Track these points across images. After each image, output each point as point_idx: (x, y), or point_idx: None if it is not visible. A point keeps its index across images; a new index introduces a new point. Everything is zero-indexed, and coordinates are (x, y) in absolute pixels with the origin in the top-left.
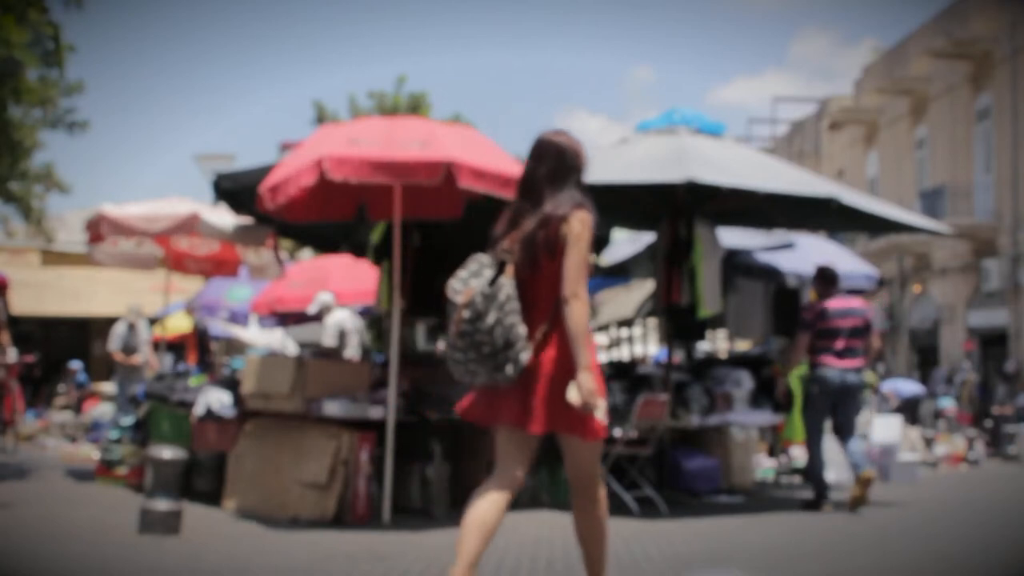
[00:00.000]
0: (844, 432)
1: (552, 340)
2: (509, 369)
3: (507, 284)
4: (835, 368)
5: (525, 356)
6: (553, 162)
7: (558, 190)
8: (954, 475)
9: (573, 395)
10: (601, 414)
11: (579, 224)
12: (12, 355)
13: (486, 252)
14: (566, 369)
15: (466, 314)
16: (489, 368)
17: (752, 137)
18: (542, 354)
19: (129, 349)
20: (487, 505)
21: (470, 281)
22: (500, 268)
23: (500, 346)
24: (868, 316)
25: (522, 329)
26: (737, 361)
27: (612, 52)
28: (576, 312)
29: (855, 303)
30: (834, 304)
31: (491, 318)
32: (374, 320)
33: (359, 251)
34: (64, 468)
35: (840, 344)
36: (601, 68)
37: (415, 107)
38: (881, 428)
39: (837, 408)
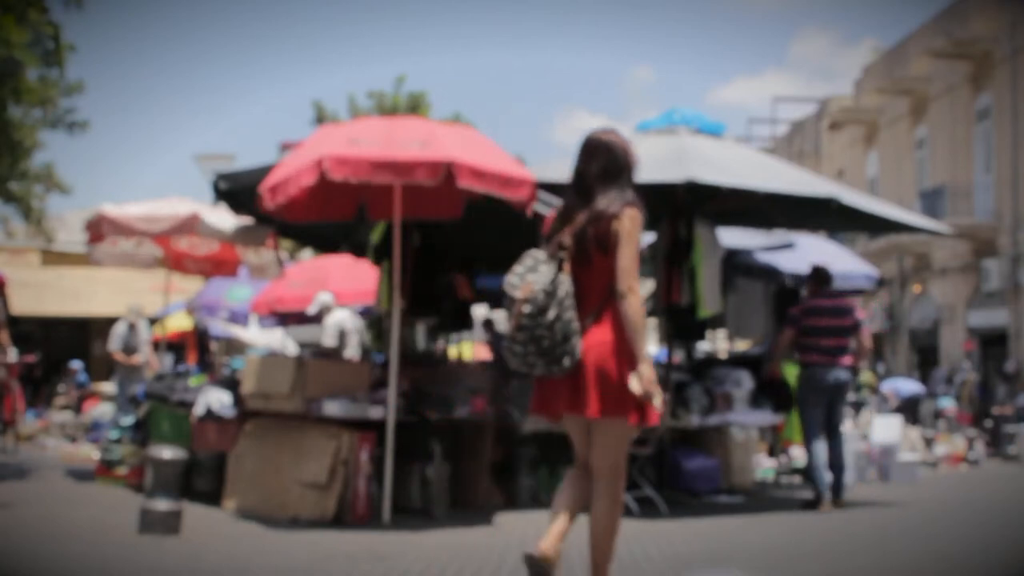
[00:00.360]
0: (832, 430)
1: (598, 329)
2: (566, 361)
3: (566, 280)
4: (823, 366)
5: (580, 348)
6: (604, 160)
7: (609, 187)
8: (954, 475)
9: (635, 384)
10: (658, 402)
11: (630, 221)
12: (13, 355)
13: (539, 248)
14: (613, 357)
15: (527, 309)
16: (547, 360)
17: (752, 137)
18: (591, 342)
19: (129, 349)
20: (570, 488)
21: (527, 276)
22: (554, 263)
23: (559, 340)
24: (857, 316)
25: (577, 323)
26: (737, 361)
27: (612, 52)
28: (632, 306)
29: (844, 302)
30: (822, 303)
31: (552, 313)
32: (374, 320)
33: (359, 251)
34: (64, 468)
35: (828, 342)
36: (601, 68)
37: (414, 107)
38: (881, 428)
39: (825, 406)
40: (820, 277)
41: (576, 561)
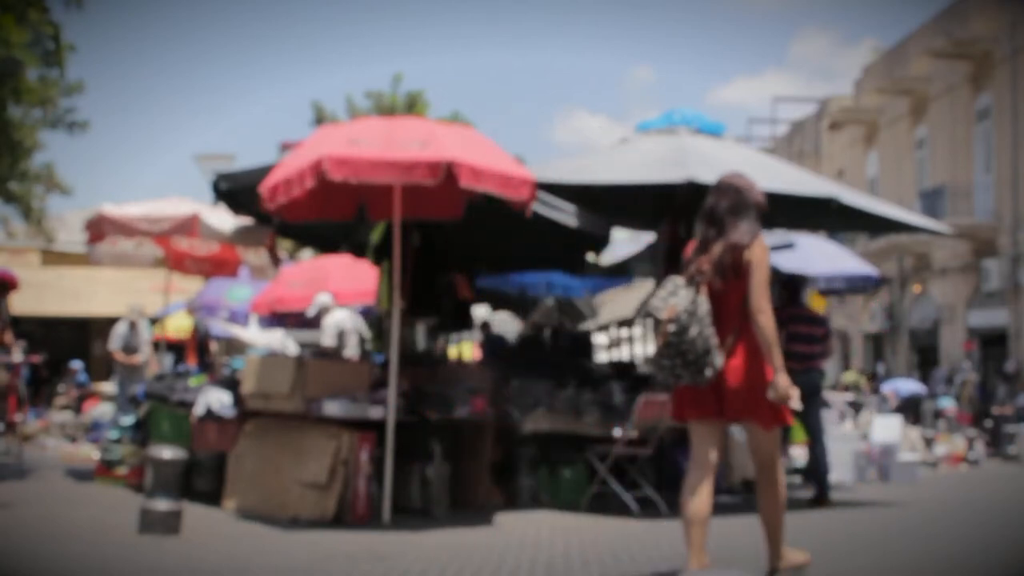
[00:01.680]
0: (813, 433)
1: (739, 345)
2: (708, 372)
3: (704, 302)
4: (800, 372)
5: (719, 360)
6: (733, 198)
7: (739, 221)
8: (954, 475)
9: (771, 392)
10: (795, 404)
11: (760, 251)
12: (17, 355)
13: (678, 274)
14: (751, 369)
15: (671, 328)
16: (692, 372)
17: (752, 137)
18: (731, 357)
19: (130, 349)
20: (697, 498)
21: (669, 300)
22: (693, 287)
23: (700, 353)
24: (829, 325)
25: (716, 339)
26: None
27: (612, 52)
28: (765, 323)
29: (816, 312)
30: (801, 311)
31: (694, 331)
32: (374, 320)
33: (359, 251)
34: (64, 468)
35: (803, 348)
36: (601, 68)
37: (412, 106)
38: (881, 428)
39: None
40: (796, 286)
41: (576, 561)
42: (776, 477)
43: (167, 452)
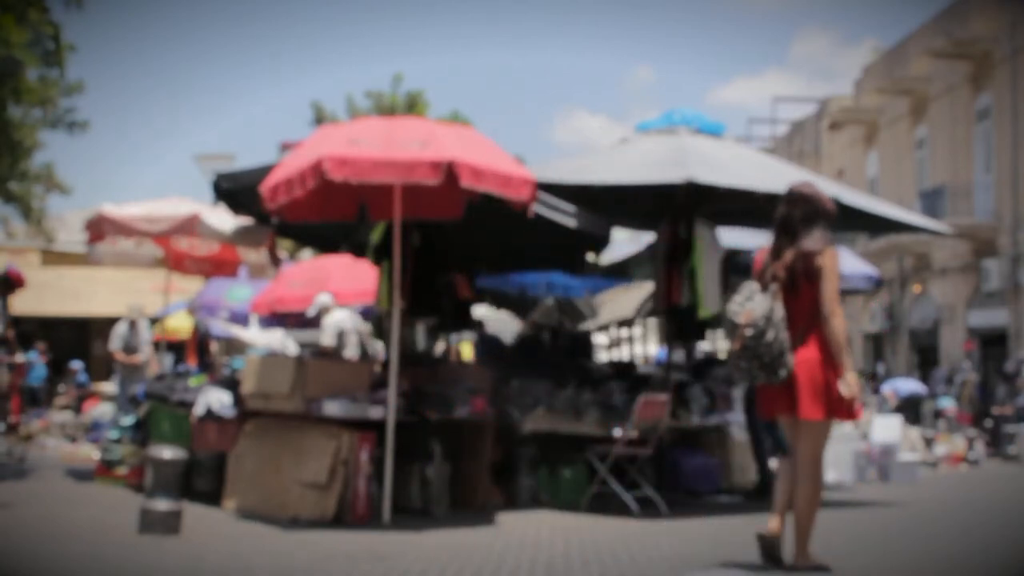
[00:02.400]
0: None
1: (809, 346)
2: (782, 372)
3: (779, 306)
4: None
5: (792, 361)
6: (805, 208)
7: (811, 229)
8: (954, 475)
9: (844, 389)
10: (860, 403)
11: (830, 258)
12: (20, 355)
13: (753, 279)
14: (821, 368)
15: (749, 332)
16: (767, 372)
17: (752, 137)
18: (801, 357)
19: (130, 348)
20: (784, 479)
21: (745, 304)
22: (768, 292)
23: (776, 355)
24: None
25: (790, 341)
26: None
27: (612, 52)
28: (836, 326)
29: None
30: None
31: (770, 335)
32: (375, 320)
33: (359, 251)
34: (64, 468)
35: None
36: (601, 68)
37: (412, 105)
38: (881, 428)
39: None
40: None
41: (576, 561)
42: (816, 475)
43: (167, 452)
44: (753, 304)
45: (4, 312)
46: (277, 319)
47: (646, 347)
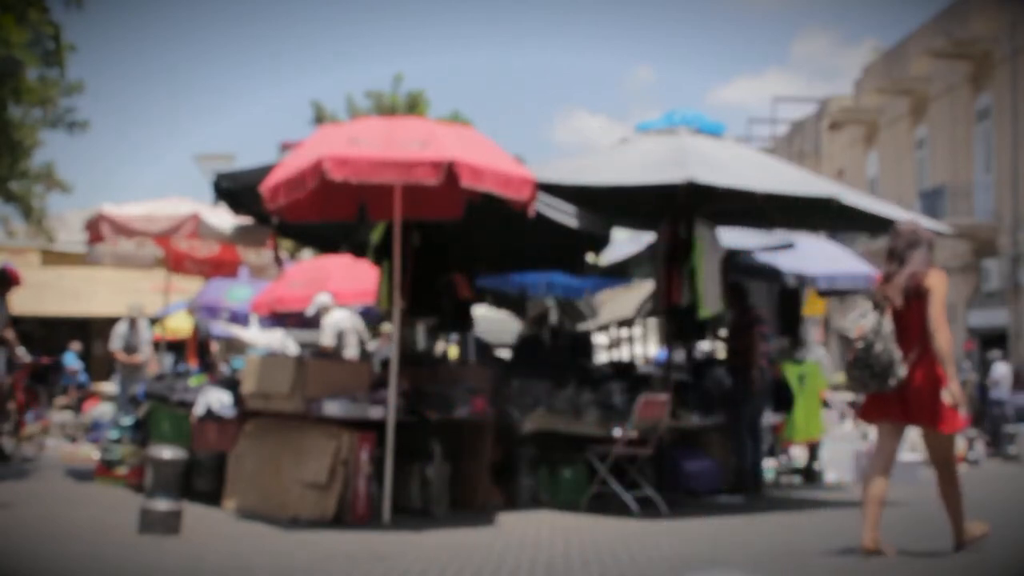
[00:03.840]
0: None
1: (921, 358)
2: (892, 381)
3: (888, 322)
4: (765, 368)
5: (902, 371)
6: (909, 237)
7: (915, 254)
8: None
9: (947, 397)
10: (963, 413)
11: (936, 279)
12: (25, 356)
13: (868, 298)
14: (931, 379)
15: (860, 345)
16: (878, 381)
17: (752, 137)
18: (914, 369)
19: (130, 348)
20: (876, 481)
21: (859, 320)
22: (879, 310)
23: (885, 366)
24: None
25: (899, 353)
26: None
27: (612, 52)
28: (942, 340)
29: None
30: (759, 314)
31: (879, 347)
32: (375, 320)
33: (359, 251)
34: (64, 468)
35: (766, 348)
36: (601, 68)
37: (412, 105)
38: None
39: (764, 404)
40: (743, 292)
41: (575, 561)
42: (953, 473)
43: (167, 452)
44: (866, 321)
45: (4, 311)
46: (277, 319)
47: (646, 347)
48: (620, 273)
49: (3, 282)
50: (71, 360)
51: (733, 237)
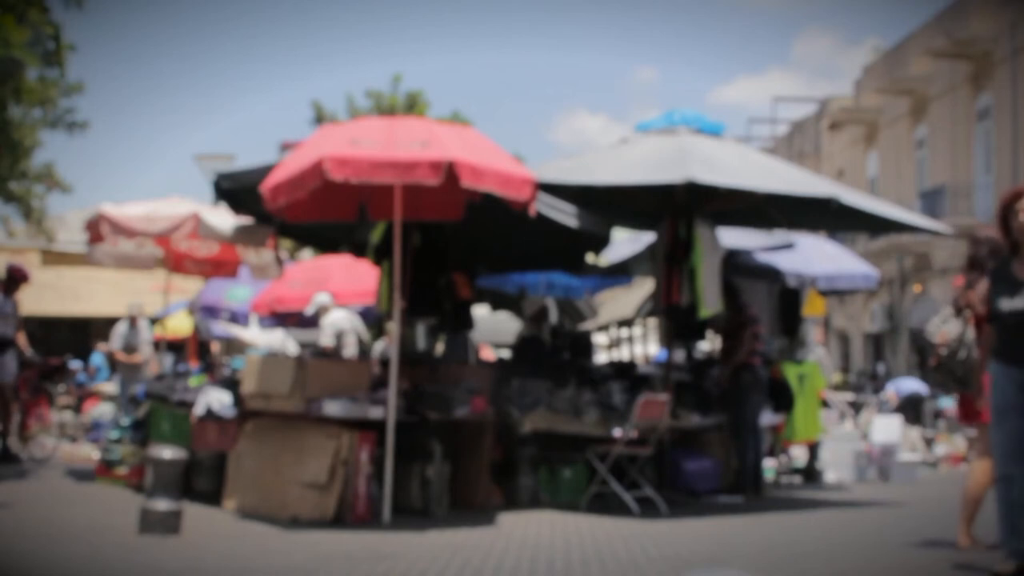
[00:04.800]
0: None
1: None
2: (972, 384)
3: (970, 329)
4: (759, 367)
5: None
6: (989, 245)
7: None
8: (954, 475)
9: None
10: None
11: None
12: (34, 357)
13: (950, 305)
14: None
15: (943, 351)
16: (960, 385)
17: (752, 137)
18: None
19: (130, 348)
20: (979, 476)
21: (941, 327)
22: (961, 317)
23: (967, 370)
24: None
25: (980, 358)
26: None
27: (612, 52)
28: None
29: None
30: (754, 314)
31: (962, 353)
32: (375, 320)
33: (359, 251)
34: (64, 468)
35: (760, 347)
36: (601, 68)
37: (412, 105)
38: (881, 428)
39: (761, 404)
40: (736, 291)
41: (575, 561)
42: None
43: (167, 452)
44: (948, 327)
45: (15, 312)
46: (277, 319)
47: (646, 347)
48: (620, 273)
49: (12, 281)
50: (97, 360)
51: (733, 237)
